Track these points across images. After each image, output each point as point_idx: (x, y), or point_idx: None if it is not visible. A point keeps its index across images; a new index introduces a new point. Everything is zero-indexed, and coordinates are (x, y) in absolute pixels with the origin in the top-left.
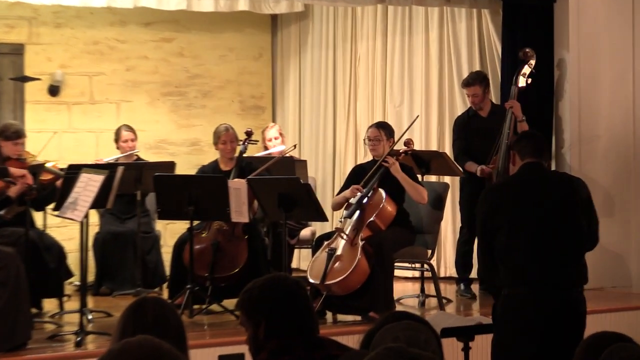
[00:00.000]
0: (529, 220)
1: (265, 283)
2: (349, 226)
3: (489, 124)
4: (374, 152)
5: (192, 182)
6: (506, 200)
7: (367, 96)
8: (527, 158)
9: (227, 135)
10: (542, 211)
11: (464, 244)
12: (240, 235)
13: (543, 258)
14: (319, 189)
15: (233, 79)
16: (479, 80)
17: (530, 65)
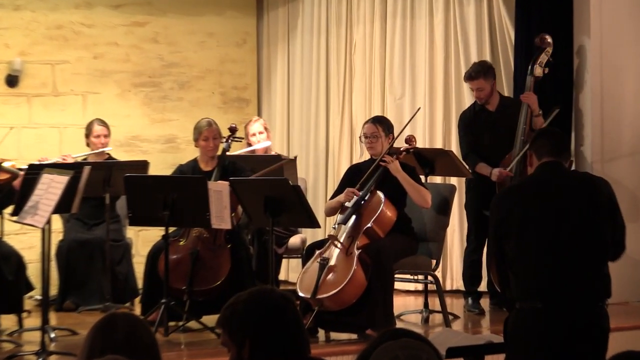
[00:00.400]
0: (544, 225)
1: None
2: (343, 233)
3: (498, 118)
4: (371, 150)
5: (168, 184)
6: (519, 203)
7: (364, 87)
8: (544, 157)
9: (209, 130)
10: (560, 215)
11: (471, 253)
12: (222, 243)
13: (560, 268)
14: (310, 191)
15: (213, 68)
16: (483, 73)
17: (548, 53)
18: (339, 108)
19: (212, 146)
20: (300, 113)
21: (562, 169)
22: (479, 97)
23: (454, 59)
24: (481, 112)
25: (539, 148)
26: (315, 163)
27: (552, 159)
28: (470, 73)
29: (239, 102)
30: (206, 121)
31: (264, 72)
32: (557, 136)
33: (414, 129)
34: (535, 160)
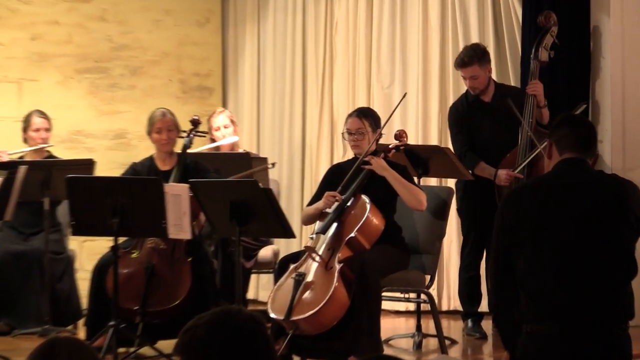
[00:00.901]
0: (561, 235)
1: (212, 319)
2: (322, 244)
3: (495, 111)
4: (356, 149)
5: (117, 187)
6: (533, 208)
7: (347, 74)
8: (566, 152)
9: (163, 121)
10: (580, 223)
11: (467, 269)
12: (181, 256)
13: (577, 285)
14: (284, 195)
15: (171, 52)
16: (478, 58)
17: (553, 33)
18: (318, 98)
19: (166, 139)
20: (272, 104)
21: (585, 168)
22: (473, 87)
23: (451, 40)
24: (475, 104)
25: (561, 139)
26: (290, 162)
27: (574, 156)
28: (462, 59)
29: (201, 91)
30: (160, 111)
31: (229, 56)
32: (584, 127)
33: (404, 123)
34: (556, 153)
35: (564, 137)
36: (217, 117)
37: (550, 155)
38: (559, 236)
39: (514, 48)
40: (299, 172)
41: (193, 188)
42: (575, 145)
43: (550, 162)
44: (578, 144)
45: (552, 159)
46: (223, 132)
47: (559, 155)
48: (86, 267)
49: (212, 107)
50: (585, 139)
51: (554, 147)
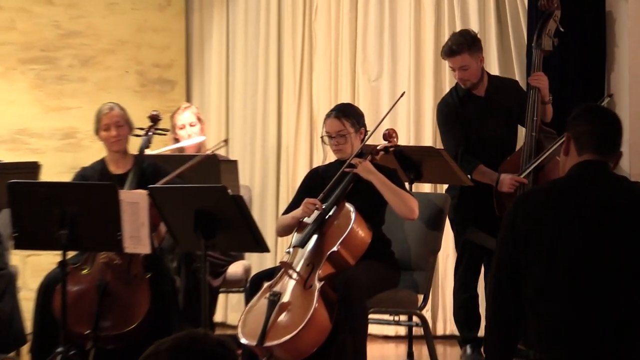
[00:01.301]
0: (579, 252)
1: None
2: (300, 259)
3: (490, 106)
4: (340, 154)
5: (66, 194)
6: (548, 218)
7: (328, 65)
8: (585, 153)
9: (110, 116)
10: (601, 239)
11: (462, 289)
12: (138, 273)
13: (597, 310)
14: (257, 203)
15: (127, 39)
16: (467, 45)
17: (557, 18)
18: (295, 93)
19: (116, 137)
20: (243, 99)
21: (607, 174)
22: (464, 79)
23: (447, 26)
24: (467, 99)
25: (581, 137)
26: (264, 166)
27: (595, 158)
28: (450, 47)
29: (162, 85)
30: (107, 105)
31: (194, 44)
32: (608, 124)
33: (394, 121)
34: (574, 151)
35: (584, 134)
36: (181, 113)
37: (567, 150)
38: (578, 253)
39: (518, 36)
40: (274, 176)
41: (152, 195)
42: (597, 146)
43: (567, 159)
44: (600, 144)
45: (569, 156)
46: (188, 130)
47: (577, 155)
48: (30, 286)
49: (174, 102)
50: (608, 140)
51: (573, 143)
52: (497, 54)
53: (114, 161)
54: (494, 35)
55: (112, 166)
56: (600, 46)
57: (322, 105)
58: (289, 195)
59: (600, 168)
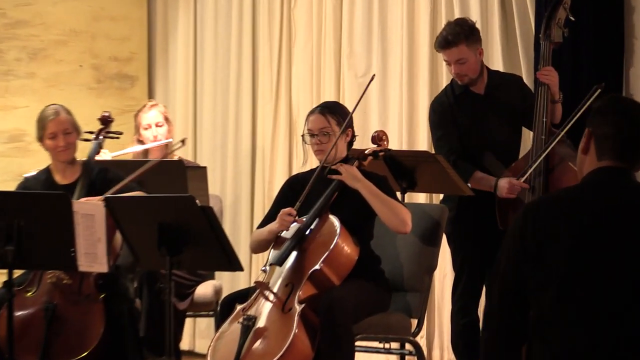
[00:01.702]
0: (598, 273)
1: None
2: (278, 279)
3: (490, 106)
4: (320, 154)
5: (13, 204)
6: (565, 231)
7: (310, 59)
8: (605, 158)
9: (56, 123)
10: (625, 259)
11: (461, 312)
12: (91, 293)
13: (618, 340)
14: (228, 215)
15: (82, 30)
16: (465, 36)
17: (566, 6)
18: (272, 90)
19: (64, 147)
20: (212, 97)
21: (631, 184)
22: (461, 74)
23: (444, 16)
24: (464, 97)
25: (604, 141)
26: (236, 173)
27: (617, 165)
28: (445, 37)
29: (121, 81)
30: (52, 109)
31: (158, 36)
32: (635, 126)
33: (384, 123)
34: (593, 154)
35: (608, 138)
36: (147, 112)
37: (586, 148)
38: (594, 274)
39: (526, 26)
40: (248, 185)
41: (109, 206)
42: (621, 153)
43: (586, 158)
44: (624, 151)
45: (588, 155)
46: (154, 131)
47: (596, 159)
48: None
49: (134, 100)
50: (634, 146)
51: (594, 143)
52: (502, 47)
53: (60, 170)
54: (497, 26)
55: (57, 176)
56: (618, 38)
57: (302, 104)
58: (265, 206)
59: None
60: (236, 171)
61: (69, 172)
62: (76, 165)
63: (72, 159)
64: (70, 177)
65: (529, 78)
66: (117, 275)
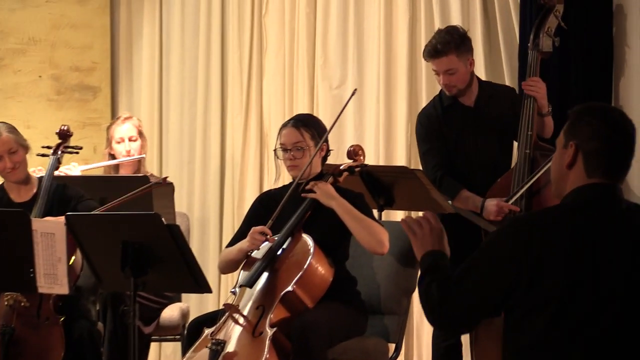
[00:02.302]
0: (597, 296)
1: None
2: (248, 301)
3: (480, 119)
4: (294, 170)
5: None
6: (559, 254)
7: (282, 70)
8: (595, 175)
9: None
10: (624, 281)
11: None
12: (50, 316)
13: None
14: (196, 234)
15: (41, 38)
16: (455, 45)
17: (558, 14)
18: (242, 102)
19: (11, 167)
20: (179, 110)
21: (620, 202)
22: (450, 85)
23: (424, 24)
24: (452, 109)
25: (595, 157)
26: (204, 189)
27: (606, 181)
28: (434, 46)
29: (83, 92)
30: None
31: (121, 44)
32: (627, 139)
33: (360, 137)
34: (581, 170)
35: (599, 155)
36: (120, 125)
37: (571, 163)
38: (598, 297)
39: (509, 35)
40: (217, 202)
41: (70, 224)
42: (611, 170)
43: (570, 174)
44: (616, 168)
45: (572, 171)
46: (127, 146)
47: (585, 176)
48: None
49: (96, 113)
50: (624, 162)
51: (582, 159)
52: (484, 57)
53: (14, 189)
54: (479, 34)
55: (12, 194)
56: (607, 46)
57: (274, 117)
58: (234, 225)
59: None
60: (204, 188)
61: (24, 190)
62: (31, 183)
63: (24, 177)
64: (25, 195)
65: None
66: (77, 296)
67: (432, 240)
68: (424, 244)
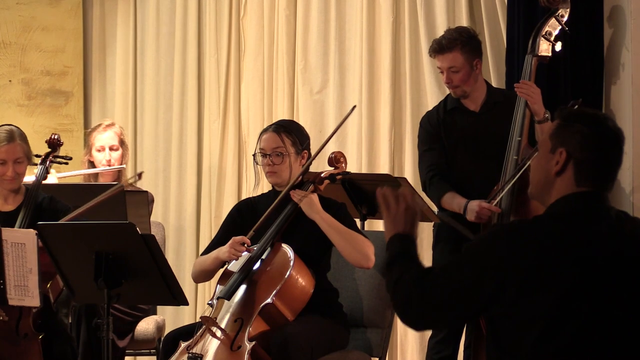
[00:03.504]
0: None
1: None
2: (226, 314)
3: (484, 126)
4: (273, 177)
5: None
6: (545, 263)
7: (261, 74)
8: (587, 185)
9: (9, 151)
10: (620, 294)
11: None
12: (28, 330)
13: None
14: (172, 244)
15: (11, 41)
16: (461, 42)
17: (561, 17)
18: (220, 107)
19: (12, 176)
20: (154, 115)
21: (609, 211)
22: (452, 83)
23: (408, 26)
24: (456, 112)
25: (586, 166)
26: (180, 198)
27: (595, 189)
28: (439, 41)
29: (54, 97)
30: (5, 131)
31: (94, 48)
32: (617, 149)
33: (342, 143)
34: (571, 178)
35: (590, 163)
36: (102, 132)
37: (560, 170)
38: (582, 309)
39: (496, 38)
40: (193, 210)
41: (42, 234)
42: (601, 179)
43: (557, 180)
44: (605, 177)
45: (561, 178)
46: (107, 155)
47: (575, 183)
48: None
49: (69, 119)
50: (613, 171)
51: (572, 167)
52: None
53: (2, 196)
54: None
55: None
56: (598, 51)
57: (252, 123)
58: (212, 235)
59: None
60: (180, 196)
61: (12, 199)
62: (20, 192)
63: (18, 188)
64: (12, 204)
65: None
66: (54, 311)
67: (405, 220)
68: (396, 223)
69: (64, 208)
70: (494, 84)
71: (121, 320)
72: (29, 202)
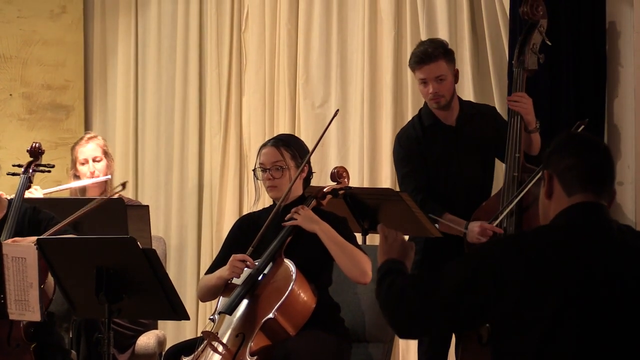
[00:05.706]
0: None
1: None
2: (228, 329)
3: (462, 140)
4: (273, 191)
5: None
6: (543, 273)
7: (262, 87)
8: (577, 193)
9: None
10: (613, 306)
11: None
12: (21, 343)
13: None
14: (173, 258)
15: (12, 55)
16: (444, 50)
17: (542, 29)
18: (221, 121)
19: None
20: (155, 130)
21: (608, 220)
22: (439, 94)
23: (409, 40)
24: (433, 129)
25: (567, 173)
26: (181, 212)
27: (590, 199)
28: (424, 51)
29: (55, 111)
30: None
31: (95, 62)
32: (598, 152)
33: (344, 158)
34: (561, 194)
35: (571, 169)
36: (84, 145)
37: (550, 192)
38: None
39: (499, 52)
40: (194, 225)
41: (42, 248)
42: (589, 183)
43: (551, 203)
44: (593, 180)
45: (553, 199)
46: (91, 167)
47: (566, 197)
48: None
49: (70, 133)
50: (601, 174)
51: (557, 182)
52: (472, 75)
53: None
54: (467, 51)
55: None
56: (600, 64)
57: (254, 137)
58: (213, 249)
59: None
60: (181, 210)
61: None
62: (1, 204)
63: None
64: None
65: (502, 108)
66: (50, 323)
67: (399, 250)
68: (391, 250)
69: (48, 217)
70: (496, 99)
71: (122, 335)
72: (14, 213)
